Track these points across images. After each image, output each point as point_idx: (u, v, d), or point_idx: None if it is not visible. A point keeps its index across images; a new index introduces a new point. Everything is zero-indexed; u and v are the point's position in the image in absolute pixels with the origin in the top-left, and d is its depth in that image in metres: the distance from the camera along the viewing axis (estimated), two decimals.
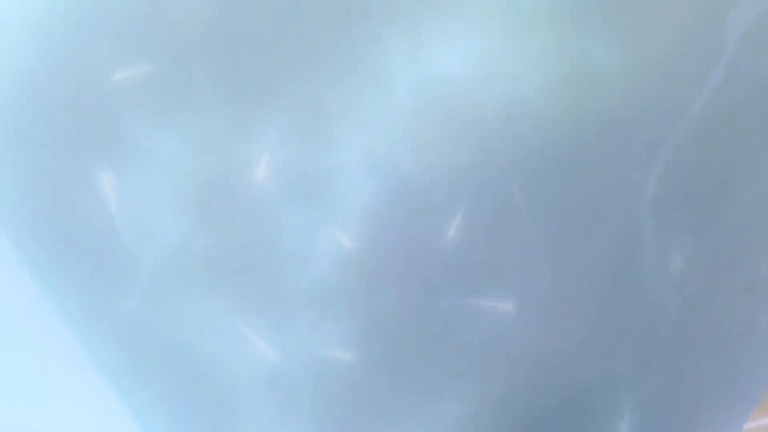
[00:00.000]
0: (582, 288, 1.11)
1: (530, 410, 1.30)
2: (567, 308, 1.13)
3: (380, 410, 1.16)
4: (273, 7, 0.87)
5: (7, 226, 0.96)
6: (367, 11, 0.87)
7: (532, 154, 0.93)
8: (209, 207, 0.96)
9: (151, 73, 0.90)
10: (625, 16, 0.87)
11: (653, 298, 1.19)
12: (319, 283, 1.02)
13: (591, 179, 0.98)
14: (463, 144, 0.93)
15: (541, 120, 0.91)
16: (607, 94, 0.91)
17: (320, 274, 1.01)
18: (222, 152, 0.94)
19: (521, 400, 1.30)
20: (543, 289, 1.09)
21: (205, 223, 0.97)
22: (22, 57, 0.87)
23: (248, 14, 0.87)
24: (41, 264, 0.99)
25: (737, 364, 1.42)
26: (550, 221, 1.01)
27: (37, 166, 0.94)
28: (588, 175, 0.97)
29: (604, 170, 0.97)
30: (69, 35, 0.86)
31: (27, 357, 1.01)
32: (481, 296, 1.07)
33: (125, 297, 1.01)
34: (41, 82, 0.89)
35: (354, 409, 1.14)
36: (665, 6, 0.87)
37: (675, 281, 1.18)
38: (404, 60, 0.90)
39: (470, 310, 1.08)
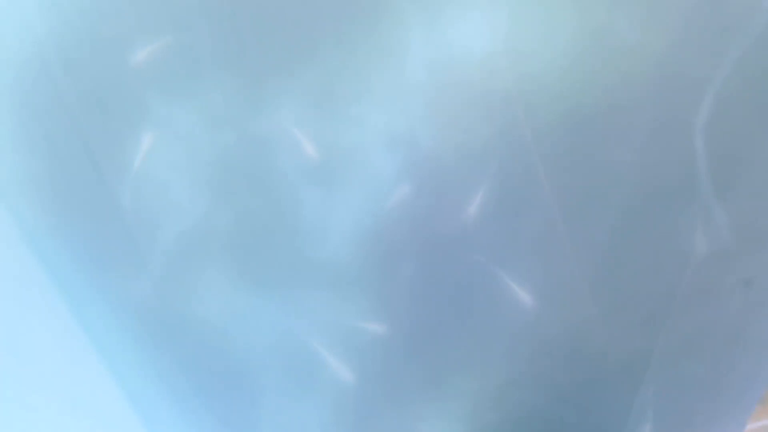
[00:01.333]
0: (598, 269, 1.10)
1: (539, 397, 1.30)
2: (584, 287, 1.13)
3: (402, 386, 1.16)
4: None
5: (11, 207, 0.94)
6: None
7: (555, 129, 0.91)
8: (226, 185, 0.95)
9: (165, 49, 0.87)
10: None
11: (661, 284, 1.19)
12: (339, 260, 1.02)
13: (613, 155, 0.96)
14: (484, 119, 0.91)
15: (563, 94, 0.89)
16: (630, 67, 0.89)
17: (340, 251, 1.01)
18: (239, 129, 0.92)
19: (531, 387, 1.29)
20: (563, 266, 1.08)
21: (222, 201, 0.95)
22: (32, 31, 0.84)
23: None
24: (45, 245, 0.96)
25: (736, 361, 1.42)
26: (572, 197, 1.00)
27: (46, 144, 0.92)
28: (610, 151, 0.96)
29: (627, 146, 0.96)
30: (79, 7, 0.83)
31: (24, 342, 0.99)
32: (502, 272, 1.07)
33: (138, 278, 0.99)
34: (51, 59, 0.87)
35: (375, 385, 1.15)
36: None
37: (685, 269, 1.18)
38: (423, 34, 0.88)
39: (491, 288, 1.08)
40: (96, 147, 0.92)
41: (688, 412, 1.53)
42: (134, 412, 1.07)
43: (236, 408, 1.11)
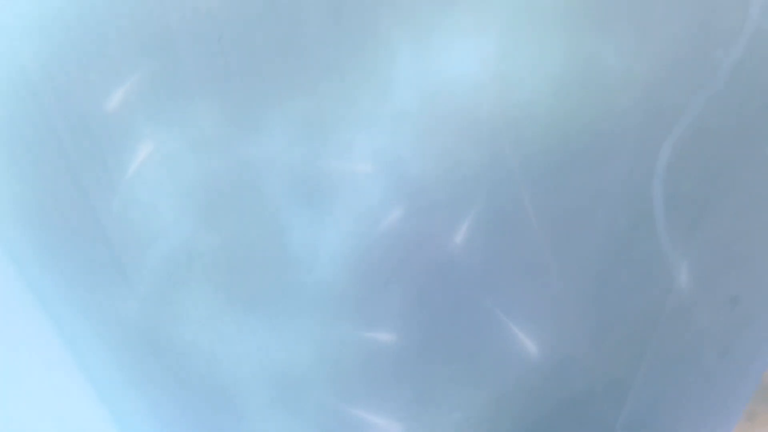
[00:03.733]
0: (584, 291, 1.11)
1: (528, 413, 1.30)
2: (572, 308, 1.14)
3: (392, 404, 1.16)
4: (279, 7, 0.84)
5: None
6: (374, 11, 0.85)
7: (541, 157, 0.92)
8: (214, 209, 0.95)
9: (153, 74, 0.87)
10: (638, 16, 0.86)
11: (647, 303, 1.20)
12: (327, 284, 1.02)
13: (598, 181, 0.97)
14: (471, 146, 0.92)
15: (550, 122, 0.90)
16: (617, 96, 0.89)
17: (328, 275, 1.01)
18: (227, 153, 0.91)
19: (520, 403, 1.30)
20: (550, 289, 1.09)
21: (209, 225, 0.95)
22: (19, 59, 0.83)
23: (252, 13, 0.84)
24: (32, 267, 0.95)
25: (721, 375, 1.43)
26: (558, 224, 1.00)
27: (33, 166, 0.91)
28: (595, 177, 0.96)
29: (611, 172, 0.96)
30: (66, 34, 0.83)
31: (9, 363, 0.98)
32: (489, 296, 1.07)
33: (124, 299, 0.99)
34: (38, 85, 0.86)
35: (362, 407, 1.15)
36: (679, 6, 0.85)
37: (670, 289, 1.19)
38: (412, 61, 0.88)
39: (478, 311, 1.08)
40: (83, 171, 0.92)
41: (673, 424, 1.55)
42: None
43: (222, 429, 1.11)
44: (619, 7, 0.85)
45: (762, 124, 0.96)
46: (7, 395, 0.99)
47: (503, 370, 1.22)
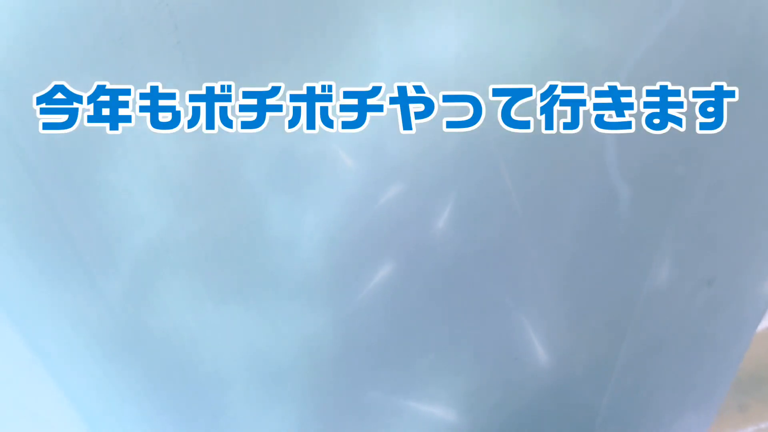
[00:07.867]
0: (563, 272, 1.12)
1: (515, 396, 1.31)
2: (549, 293, 1.13)
3: (371, 393, 1.17)
4: None
5: None
6: None
7: (518, 135, 0.91)
8: (193, 194, 0.93)
9: (108, 68, 0.84)
10: None
11: (623, 288, 1.20)
12: (305, 270, 1.00)
13: (574, 160, 0.96)
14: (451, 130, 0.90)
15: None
16: (592, 74, 0.88)
17: (307, 261, 1.00)
18: (205, 138, 0.89)
19: (496, 396, 1.30)
20: (528, 272, 1.08)
21: (188, 211, 0.93)
22: None
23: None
24: None
25: (701, 359, 1.44)
26: (536, 202, 1.00)
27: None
28: (572, 155, 0.95)
29: (588, 151, 0.96)
30: (16, 33, 0.81)
31: None
32: (469, 276, 1.07)
33: (100, 291, 0.97)
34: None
35: (341, 387, 1.16)
36: None
37: (646, 272, 1.19)
38: (389, 44, 0.86)
39: (460, 292, 1.09)
40: (41, 167, 0.90)
41: (655, 410, 1.55)
42: None
43: (203, 423, 1.10)
44: None
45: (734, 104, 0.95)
46: None
47: (481, 359, 1.21)
